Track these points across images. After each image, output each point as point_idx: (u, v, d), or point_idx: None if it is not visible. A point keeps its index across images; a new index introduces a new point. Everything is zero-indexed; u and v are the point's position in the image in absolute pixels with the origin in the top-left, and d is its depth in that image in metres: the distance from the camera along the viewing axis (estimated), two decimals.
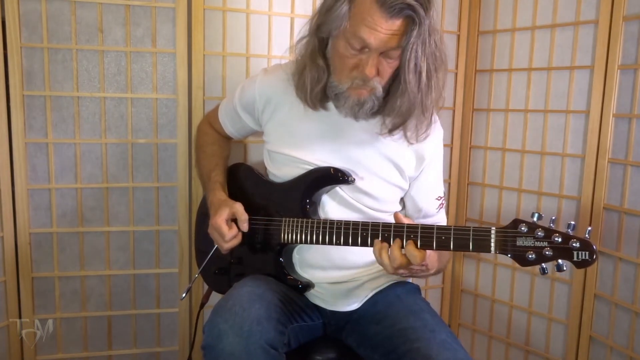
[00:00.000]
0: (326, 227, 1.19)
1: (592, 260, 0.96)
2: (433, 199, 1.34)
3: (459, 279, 2.03)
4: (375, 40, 1.07)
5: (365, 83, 1.13)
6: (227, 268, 1.37)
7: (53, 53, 1.57)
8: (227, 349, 1.05)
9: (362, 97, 1.15)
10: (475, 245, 1.03)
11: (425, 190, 1.33)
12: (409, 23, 1.06)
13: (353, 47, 1.10)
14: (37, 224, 1.63)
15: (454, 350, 1.09)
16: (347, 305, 1.31)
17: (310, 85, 1.19)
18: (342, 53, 1.12)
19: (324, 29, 1.14)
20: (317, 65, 1.18)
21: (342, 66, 1.14)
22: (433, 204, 1.34)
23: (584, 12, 1.64)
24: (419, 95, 1.13)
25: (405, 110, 1.16)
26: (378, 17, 1.05)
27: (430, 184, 1.33)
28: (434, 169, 1.33)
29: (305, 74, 1.19)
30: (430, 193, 1.34)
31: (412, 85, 1.12)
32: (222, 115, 1.46)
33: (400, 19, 1.05)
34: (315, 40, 1.18)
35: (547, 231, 0.99)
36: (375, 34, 1.06)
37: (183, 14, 1.62)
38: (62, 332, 1.70)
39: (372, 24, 1.05)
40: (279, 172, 1.33)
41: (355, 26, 1.08)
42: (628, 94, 1.56)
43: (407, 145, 1.25)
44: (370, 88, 1.14)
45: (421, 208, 1.34)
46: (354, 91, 1.15)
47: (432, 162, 1.31)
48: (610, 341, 1.63)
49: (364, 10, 1.06)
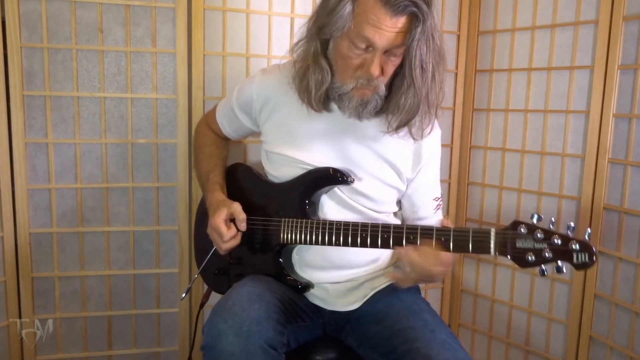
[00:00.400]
0: (325, 228, 1.19)
1: (591, 263, 0.96)
2: (430, 199, 1.33)
3: (459, 279, 2.03)
4: (380, 38, 1.07)
5: (370, 82, 1.13)
6: (227, 268, 1.37)
7: (53, 53, 1.57)
8: (227, 349, 1.05)
9: (366, 97, 1.15)
10: (474, 247, 1.03)
11: (422, 190, 1.32)
12: (412, 20, 1.07)
13: (357, 47, 1.10)
14: (37, 224, 1.63)
15: (453, 350, 1.09)
16: (346, 305, 1.31)
17: (315, 87, 1.19)
18: (346, 54, 1.12)
19: (326, 30, 1.14)
20: (320, 67, 1.18)
21: (345, 67, 1.15)
22: (430, 204, 1.34)
23: (584, 12, 1.64)
24: (425, 91, 1.14)
25: (412, 106, 1.16)
26: (382, 15, 1.05)
27: (428, 184, 1.33)
28: (432, 169, 1.33)
29: (309, 76, 1.19)
30: (428, 193, 1.33)
31: (419, 81, 1.12)
32: (219, 116, 1.46)
33: (405, 16, 1.06)
34: (317, 43, 1.18)
35: (546, 233, 0.98)
36: (380, 33, 1.06)
37: (183, 14, 1.62)
38: (62, 332, 1.70)
39: (377, 23, 1.06)
40: (276, 172, 1.33)
41: (359, 26, 1.08)
42: (628, 94, 1.56)
43: (412, 142, 1.26)
44: (374, 87, 1.14)
45: (418, 208, 1.34)
46: (358, 91, 1.15)
47: (430, 162, 1.31)
48: (610, 341, 1.63)
49: (367, 10, 1.06)
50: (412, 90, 1.14)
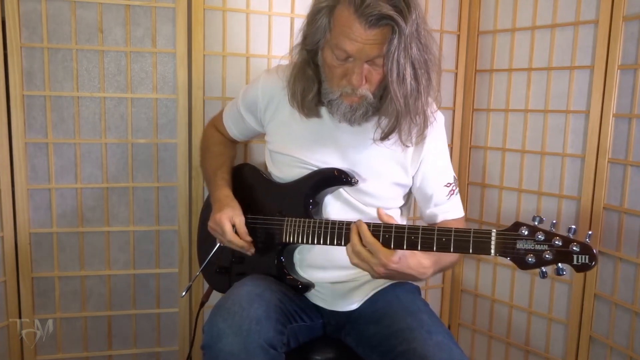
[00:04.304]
0: (327, 228, 1.19)
1: (591, 265, 0.95)
2: (441, 186, 1.31)
3: (459, 279, 2.03)
4: (355, 50, 1.07)
5: (354, 92, 1.13)
6: (228, 267, 1.37)
7: (53, 53, 1.57)
8: (227, 348, 1.05)
9: (354, 104, 1.16)
10: (475, 247, 1.03)
11: (430, 178, 1.30)
12: (388, 31, 1.06)
13: (338, 57, 1.11)
14: (37, 224, 1.63)
15: (449, 351, 1.09)
16: (347, 305, 1.31)
17: (301, 96, 1.21)
18: (330, 63, 1.13)
19: (308, 41, 1.16)
20: (305, 76, 1.20)
21: (331, 75, 1.16)
22: (442, 191, 1.31)
23: (584, 12, 1.64)
24: (405, 102, 1.13)
25: (395, 116, 1.16)
26: (356, 28, 1.05)
27: (434, 171, 1.30)
28: (435, 157, 1.30)
29: (296, 86, 1.22)
30: (438, 180, 1.31)
31: (398, 92, 1.11)
32: (226, 119, 1.48)
33: (379, 28, 1.05)
34: (304, 51, 1.19)
35: (547, 234, 0.98)
36: (355, 45, 1.07)
37: (183, 14, 1.62)
38: (62, 332, 1.70)
39: (351, 35, 1.06)
40: (280, 172, 1.33)
41: (336, 37, 1.09)
42: (628, 94, 1.56)
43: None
44: (360, 96, 1.14)
45: (430, 197, 1.32)
46: (346, 98, 1.16)
47: (432, 151, 1.29)
48: (610, 341, 1.63)
49: (343, 22, 1.07)
50: (393, 101, 1.13)
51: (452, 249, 1.05)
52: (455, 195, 1.33)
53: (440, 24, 1.88)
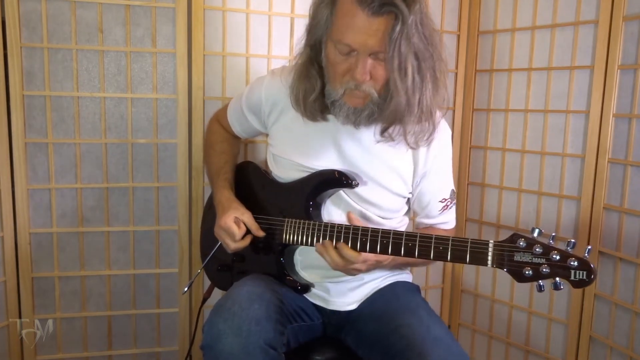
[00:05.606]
0: (327, 231, 1.18)
1: (589, 281, 0.95)
2: (436, 201, 1.31)
3: (459, 279, 2.03)
4: (357, 41, 1.04)
5: (358, 88, 1.10)
6: (230, 265, 1.38)
7: (53, 53, 1.57)
8: (226, 349, 1.05)
9: (358, 107, 1.13)
10: (472, 258, 1.03)
11: (427, 194, 1.30)
12: (391, 21, 1.03)
13: (341, 51, 1.08)
14: (37, 224, 1.63)
15: (447, 346, 1.09)
16: (347, 304, 1.31)
17: (304, 97, 1.19)
18: (333, 59, 1.11)
19: (310, 37, 1.14)
20: (309, 76, 1.17)
21: (334, 73, 1.12)
22: (436, 206, 1.32)
23: (584, 12, 1.64)
24: (406, 95, 1.09)
25: (392, 112, 1.12)
26: (358, 17, 1.03)
27: (433, 188, 1.30)
28: (439, 174, 1.29)
29: (299, 88, 1.19)
30: (435, 196, 1.31)
31: (398, 85, 1.07)
32: (230, 115, 1.46)
33: (382, 16, 1.02)
34: (308, 50, 1.17)
35: (545, 248, 0.97)
36: (357, 35, 1.04)
37: (183, 14, 1.62)
38: (62, 332, 1.70)
39: (353, 25, 1.03)
40: (283, 174, 1.33)
41: (338, 29, 1.06)
42: (628, 94, 1.56)
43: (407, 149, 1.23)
44: (365, 94, 1.11)
45: (423, 209, 1.33)
46: (349, 98, 1.13)
47: (434, 166, 1.28)
48: (610, 341, 1.63)
49: (344, 12, 1.05)
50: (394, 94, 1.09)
51: (450, 258, 1.05)
52: (448, 210, 1.33)
53: (441, 24, 1.88)
